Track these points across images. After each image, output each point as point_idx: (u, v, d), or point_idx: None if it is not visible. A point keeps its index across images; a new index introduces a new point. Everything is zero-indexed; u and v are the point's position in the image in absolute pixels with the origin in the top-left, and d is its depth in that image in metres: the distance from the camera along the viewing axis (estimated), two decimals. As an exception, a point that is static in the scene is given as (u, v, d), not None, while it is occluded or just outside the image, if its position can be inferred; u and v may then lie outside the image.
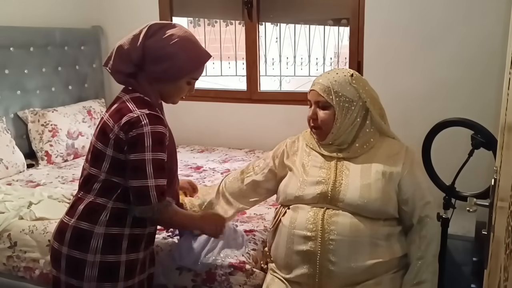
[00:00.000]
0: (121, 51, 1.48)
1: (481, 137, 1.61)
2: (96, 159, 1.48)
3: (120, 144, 1.42)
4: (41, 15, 3.23)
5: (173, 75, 1.49)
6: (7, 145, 2.77)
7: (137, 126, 1.39)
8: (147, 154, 1.39)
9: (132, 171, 1.41)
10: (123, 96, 1.50)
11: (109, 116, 1.47)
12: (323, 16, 3.34)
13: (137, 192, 1.42)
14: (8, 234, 2.07)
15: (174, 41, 1.45)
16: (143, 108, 1.43)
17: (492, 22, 2.62)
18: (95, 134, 1.51)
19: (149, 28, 1.47)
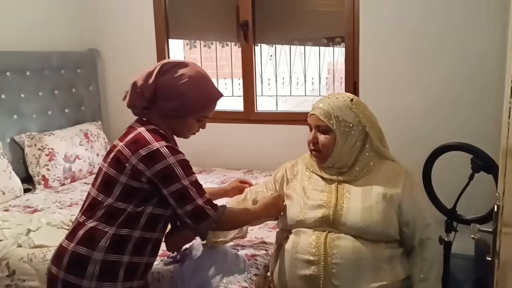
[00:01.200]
0: (135, 87, 1.55)
1: (481, 161, 1.63)
2: (106, 186, 1.50)
3: (137, 174, 1.46)
4: (38, 39, 3.24)
5: (182, 113, 1.55)
6: (4, 170, 2.75)
7: (160, 159, 1.44)
8: (183, 181, 1.46)
9: (179, 200, 1.47)
10: (138, 127, 1.53)
11: (124, 145, 1.49)
12: (317, 35, 3.38)
13: (194, 214, 1.48)
14: (7, 263, 2.04)
15: (184, 81, 1.51)
16: (159, 140, 1.48)
17: (489, 41, 2.66)
18: (107, 161, 1.52)
19: (162, 66, 1.54)
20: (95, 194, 1.52)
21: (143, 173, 1.45)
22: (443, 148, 1.80)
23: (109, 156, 1.54)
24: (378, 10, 2.88)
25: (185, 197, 1.46)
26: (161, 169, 1.44)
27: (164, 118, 1.55)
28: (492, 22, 2.63)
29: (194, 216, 1.48)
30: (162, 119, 1.55)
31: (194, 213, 1.47)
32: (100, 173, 1.55)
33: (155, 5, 3.50)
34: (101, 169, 1.55)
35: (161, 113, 1.54)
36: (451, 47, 2.76)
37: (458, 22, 2.72)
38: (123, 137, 1.55)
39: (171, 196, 1.46)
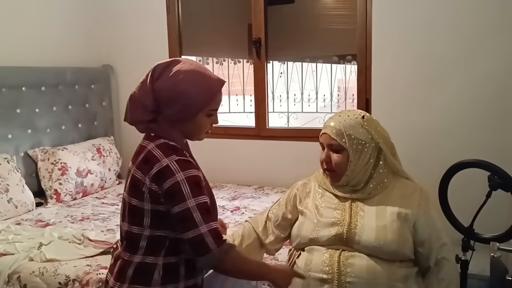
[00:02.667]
0: (134, 100, 1.42)
1: (499, 179, 1.60)
2: (134, 217, 1.37)
3: (155, 196, 1.33)
4: (53, 55, 3.29)
5: (189, 113, 1.40)
6: (17, 184, 2.77)
7: (169, 176, 1.30)
8: (189, 201, 1.29)
9: (181, 224, 1.31)
10: (148, 144, 1.40)
11: (136, 168, 1.37)
12: (329, 53, 3.40)
13: (193, 244, 1.30)
14: (18, 276, 2.04)
15: (180, 77, 1.37)
16: (170, 154, 1.34)
17: (503, 58, 2.65)
18: (127, 190, 1.40)
19: (153, 71, 1.40)
20: (127, 227, 1.40)
21: (158, 194, 1.32)
22: (459, 165, 1.78)
23: (127, 183, 1.42)
24: (390, 27, 2.89)
25: (187, 221, 1.29)
26: (168, 186, 1.30)
27: (173, 124, 1.40)
28: (506, 37, 2.62)
29: (193, 247, 1.31)
30: (171, 127, 1.41)
31: (193, 243, 1.30)
32: (125, 204, 1.42)
33: (169, 22, 3.55)
34: (124, 200, 1.43)
35: (168, 121, 1.40)
36: (464, 63, 2.75)
37: (472, 38, 2.71)
38: (134, 158, 1.43)
39: (175, 218, 1.31)
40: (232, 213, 2.76)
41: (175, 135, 1.42)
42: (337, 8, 3.27)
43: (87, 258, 2.12)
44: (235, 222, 2.58)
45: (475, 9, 2.69)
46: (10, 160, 2.81)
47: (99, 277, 1.94)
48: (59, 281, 1.98)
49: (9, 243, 2.24)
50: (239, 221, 2.59)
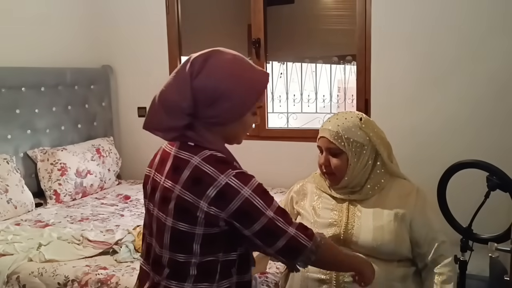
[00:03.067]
0: (168, 104, 1.18)
1: (497, 179, 1.60)
2: (181, 243, 1.18)
3: (213, 220, 1.15)
4: (52, 56, 3.30)
5: (237, 113, 1.20)
6: (16, 184, 2.77)
7: (234, 196, 1.13)
8: (267, 212, 1.15)
9: (267, 238, 1.17)
10: (190, 158, 1.17)
11: (183, 189, 1.15)
12: (329, 53, 3.41)
13: (288, 250, 1.18)
14: (17, 277, 2.05)
15: (225, 73, 1.17)
16: (224, 169, 1.14)
17: (503, 59, 2.65)
18: (171, 214, 1.18)
19: (192, 65, 1.17)
20: (169, 255, 1.20)
21: (217, 217, 1.14)
22: (458, 165, 1.78)
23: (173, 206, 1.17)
24: (389, 27, 2.90)
25: (273, 232, 1.16)
26: (237, 207, 1.13)
27: (212, 128, 1.19)
28: (507, 38, 2.63)
29: (289, 252, 1.19)
30: (210, 132, 1.19)
31: (287, 249, 1.18)
32: (162, 226, 1.20)
33: (168, 22, 3.55)
34: (159, 220, 1.22)
35: (209, 123, 1.19)
36: (464, 64, 2.75)
37: (472, 39, 2.71)
38: (160, 167, 1.25)
39: (256, 236, 1.16)
40: (232, 213, 2.76)
41: (217, 141, 1.22)
42: (336, 9, 3.28)
43: (86, 258, 2.13)
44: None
45: (476, 8, 2.69)
46: (9, 160, 2.81)
47: (98, 277, 1.95)
48: (58, 282, 1.99)
49: (8, 243, 2.24)
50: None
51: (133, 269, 2.00)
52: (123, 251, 2.13)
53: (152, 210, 1.24)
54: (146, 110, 3.77)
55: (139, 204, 3.00)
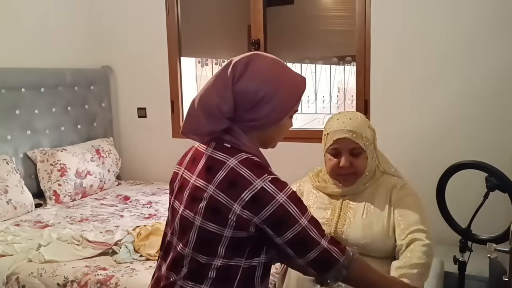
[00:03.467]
0: (208, 108, 1.17)
1: (496, 180, 1.61)
2: (206, 244, 1.17)
3: (244, 223, 1.14)
4: (52, 57, 3.30)
5: (277, 117, 1.20)
6: (16, 185, 2.77)
7: (269, 201, 1.11)
8: (301, 221, 1.14)
9: (300, 247, 1.16)
10: (227, 159, 1.16)
11: (218, 189, 1.14)
12: (329, 54, 3.41)
13: (320, 263, 1.17)
14: (17, 277, 2.05)
15: (267, 77, 1.17)
16: (260, 174, 1.13)
17: (502, 59, 2.65)
18: (200, 213, 1.16)
19: (233, 69, 1.17)
20: (192, 254, 1.18)
21: (249, 222, 1.13)
22: (457, 166, 1.78)
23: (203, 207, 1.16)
24: (389, 28, 2.90)
25: (306, 242, 1.15)
26: (271, 213, 1.11)
27: (248, 132, 1.20)
28: (505, 38, 2.63)
29: (320, 264, 1.17)
30: (249, 136, 1.20)
31: (319, 261, 1.16)
32: (187, 225, 1.19)
33: (168, 23, 3.55)
34: (185, 218, 1.20)
35: (247, 127, 1.19)
36: (463, 65, 2.75)
37: (471, 41, 2.71)
38: (191, 166, 1.24)
39: (287, 245, 1.14)
40: (231, 214, 2.76)
41: (253, 145, 1.22)
42: (336, 10, 3.28)
43: (85, 259, 2.13)
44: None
45: (474, 10, 2.69)
46: (9, 161, 2.82)
47: (97, 278, 1.95)
48: (57, 282, 1.99)
49: (8, 244, 2.25)
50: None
51: (133, 270, 2.00)
52: (122, 251, 2.13)
53: (178, 208, 1.23)
54: (146, 110, 3.82)
55: (138, 204, 3.00)
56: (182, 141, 3.95)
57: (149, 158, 3.75)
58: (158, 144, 3.70)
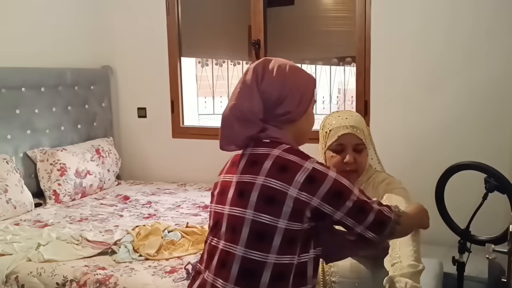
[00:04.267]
0: (242, 114, 1.22)
1: (495, 181, 1.61)
2: (259, 239, 1.15)
3: (300, 209, 1.14)
4: (53, 56, 3.30)
5: (304, 106, 1.26)
6: (16, 184, 2.77)
7: (323, 178, 1.15)
8: (354, 191, 1.18)
9: (359, 215, 1.19)
10: (270, 151, 1.20)
11: (269, 177, 1.15)
12: (329, 55, 3.41)
13: (377, 224, 1.21)
14: (16, 277, 2.05)
15: (287, 73, 1.25)
16: (306, 157, 1.18)
17: (503, 62, 2.65)
18: (251, 206, 1.16)
19: (255, 72, 1.24)
20: (243, 252, 1.15)
21: (307, 205, 1.14)
22: (456, 167, 1.78)
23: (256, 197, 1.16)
24: (389, 29, 2.90)
25: (363, 208, 1.19)
26: (328, 189, 1.14)
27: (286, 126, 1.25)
28: (505, 40, 2.63)
29: (377, 225, 1.21)
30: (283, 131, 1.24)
31: (377, 222, 1.20)
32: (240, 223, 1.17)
33: (168, 23, 3.55)
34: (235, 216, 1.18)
35: (281, 122, 1.24)
36: (463, 66, 2.75)
37: (470, 42, 2.72)
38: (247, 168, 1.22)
39: (348, 216, 1.17)
40: (231, 214, 2.77)
41: (290, 140, 1.25)
42: (336, 10, 3.28)
43: (84, 258, 2.13)
44: (233, 224, 2.58)
45: (473, 11, 2.69)
46: (9, 160, 2.82)
47: (97, 277, 1.95)
48: (56, 282, 1.99)
49: (7, 243, 2.25)
50: (237, 223, 2.59)
51: (132, 270, 2.00)
52: (121, 251, 2.13)
53: (222, 209, 1.23)
54: (146, 110, 3.82)
55: (138, 204, 3.00)
56: (182, 141, 3.98)
57: (149, 158, 3.75)
58: (158, 144, 3.70)
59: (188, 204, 2.99)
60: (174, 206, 2.94)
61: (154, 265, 2.04)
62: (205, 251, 1.29)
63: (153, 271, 1.98)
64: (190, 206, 2.96)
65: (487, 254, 1.17)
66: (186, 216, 2.74)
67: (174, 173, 3.64)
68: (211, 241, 1.26)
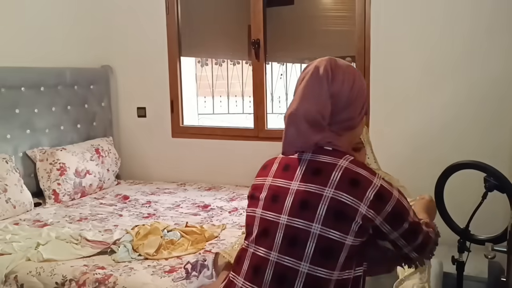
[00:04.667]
0: (312, 118, 1.15)
1: (494, 180, 1.60)
2: (326, 255, 1.09)
3: (365, 226, 1.10)
4: (52, 56, 3.30)
5: (363, 112, 1.23)
6: (15, 184, 2.77)
7: (389, 198, 1.12)
8: (410, 212, 1.16)
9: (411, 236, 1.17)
10: (336, 161, 1.14)
11: (339, 191, 1.09)
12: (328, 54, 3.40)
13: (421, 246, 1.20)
14: (15, 276, 2.04)
15: (355, 75, 1.21)
16: (373, 173, 1.14)
17: (503, 62, 2.65)
18: (319, 220, 1.09)
19: (325, 72, 1.17)
20: (309, 269, 1.09)
21: (372, 223, 1.10)
22: (456, 166, 1.78)
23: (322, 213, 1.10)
24: (389, 29, 2.90)
25: (416, 230, 1.17)
26: (391, 209, 1.11)
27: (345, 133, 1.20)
28: (505, 38, 2.63)
29: (423, 247, 1.20)
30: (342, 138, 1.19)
31: (423, 244, 1.19)
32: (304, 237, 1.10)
33: (168, 23, 3.55)
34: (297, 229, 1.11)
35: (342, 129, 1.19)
36: (463, 65, 2.75)
37: (472, 42, 2.72)
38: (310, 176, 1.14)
39: (402, 237, 1.15)
40: (230, 214, 2.77)
41: (348, 149, 1.22)
42: (336, 10, 3.27)
43: (84, 258, 2.12)
44: (233, 223, 2.58)
45: (472, 10, 2.69)
46: (8, 160, 2.81)
47: (96, 277, 1.94)
48: (56, 281, 1.98)
49: (7, 243, 2.24)
50: (236, 222, 2.59)
51: (131, 269, 2.00)
52: (121, 251, 2.13)
53: (276, 218, 1.14)
54: (145, 110, 3.83)
55: (137, 204, 3.00)
56: (182, 141, 3.97)
57: (149, 158, 3.75)
58: (157, 143, 3.70)
59: (187, 204, 2.99)
60: (173, 206, 2.94)
61: (153, 265, 2.04)
62: (243, 260, 1.20)
63: (152, 270, 1.98)
64: (190, 205, 2.95)
65: (485, 252, 1.17)
66: (186, 215, 2.74)
67: (174, 173, 3.64)
68: (256, 251, 1.17)
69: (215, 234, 2.37)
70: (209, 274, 1.77)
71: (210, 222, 2.61)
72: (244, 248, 1.20)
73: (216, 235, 2.36)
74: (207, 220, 2.65)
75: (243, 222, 2.54)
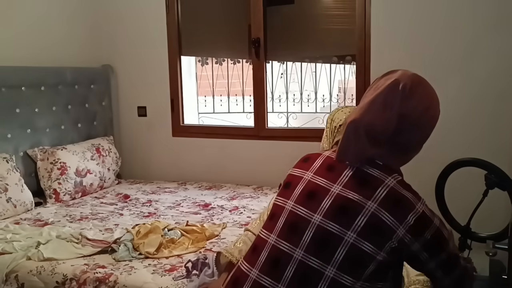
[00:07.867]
0: (374, 133, 1.12)
1: (495, 177, 1.60)
2: (355, 265, 1.08)
3: (401, 248, 1.08)
4: (53, 55, 3.30)
5: (426, 139, 1.21)
6: (16, 183, 2.77)
7: (429, 225, 1.10)
8: (450, 242, 1.15)
9: (449, 268, 1.15)
10: (384, 177, 1.11)
11: (382, 208, 1.07)
12: (329, 53, 3.40)
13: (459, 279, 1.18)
14: (16, 275, 2.05)
15: (434, 98, 1.17)
16: (418, 197, 1.12)
17: (502, 57, 2.65)
18: (356, 229, 1.07)
19: (403, 89, 1.13)
20: (335, 274, 1.07)
21: (407, 248, 1.08)
22: (456, 163, 1.77)
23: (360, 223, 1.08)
24: (389, 27, 2.90)
25: (454, 262, 1.15)
26: (430, 237, 1.09)
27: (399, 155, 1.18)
28: (505, 36, 2.63)
29: (459, 281, 1.18)
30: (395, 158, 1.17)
31: (460, 277, 1.17)
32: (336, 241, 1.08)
33: (168, 22, 3.55)
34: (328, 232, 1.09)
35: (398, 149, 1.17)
36: (463, 64, 2.75)
37: (471, 39, 2.71)
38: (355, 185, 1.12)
39: (440, 267, 1.13)
40: (231, 212, 2.77)
41: (398, 169, 1.19)
42: (336, 9, 3.27)
43: (84, 257, 2.12)
44: (234, 222, 2.58)
45: (474, 9, 2.69)
46: (9, 159, 2.81)
47: (96, 276, 1.95)
48: (56, 280, 1.99)
49: (7, 242, 2.24)
50: (237, 221, 2.59)
51: (131, 268, 2.00)
52: (121, 250, 2.13)
53: (309, 216, 1.12)
54: (146, 109, 3.83)
55: (138, 203, 3.00)
56: (182, 140, 3.98)
57: (149, 157, 3.75)
58: (158, 142, 3.70)
59: (188, 203, 2.99)
60: (174, 205, 2.94)
61: (154, 264, 2.04)
62: (260, 251, 1.17)
63: (152, 269, 1.98)
64: (190, 204, 2.95)
65: (486, 249, 1.17)
66: (186, 214, 2.74)
67: (174, 172, 3.64)
68: (277, 243, 1.14)
69: (215, 232, 2.36)
70: (210, 272, 1.77)
71: (211, 221, 2.61)
72: (263, 238, 1.17)
73: (217, 234, 2.36)
74: (207, 219, 2.65)
75: (244, 220, 2.56)
